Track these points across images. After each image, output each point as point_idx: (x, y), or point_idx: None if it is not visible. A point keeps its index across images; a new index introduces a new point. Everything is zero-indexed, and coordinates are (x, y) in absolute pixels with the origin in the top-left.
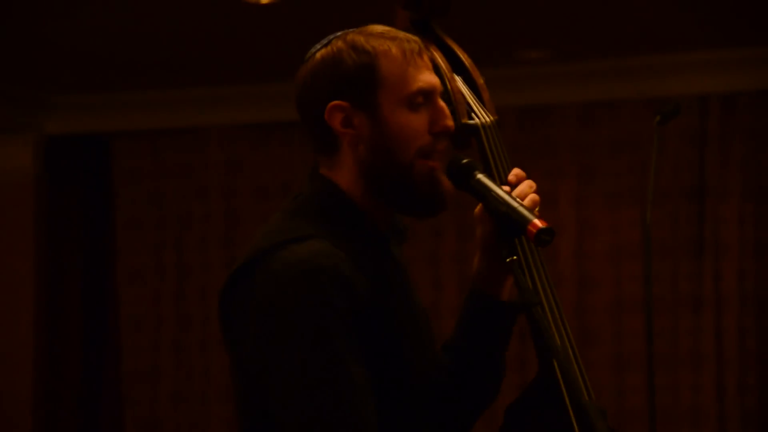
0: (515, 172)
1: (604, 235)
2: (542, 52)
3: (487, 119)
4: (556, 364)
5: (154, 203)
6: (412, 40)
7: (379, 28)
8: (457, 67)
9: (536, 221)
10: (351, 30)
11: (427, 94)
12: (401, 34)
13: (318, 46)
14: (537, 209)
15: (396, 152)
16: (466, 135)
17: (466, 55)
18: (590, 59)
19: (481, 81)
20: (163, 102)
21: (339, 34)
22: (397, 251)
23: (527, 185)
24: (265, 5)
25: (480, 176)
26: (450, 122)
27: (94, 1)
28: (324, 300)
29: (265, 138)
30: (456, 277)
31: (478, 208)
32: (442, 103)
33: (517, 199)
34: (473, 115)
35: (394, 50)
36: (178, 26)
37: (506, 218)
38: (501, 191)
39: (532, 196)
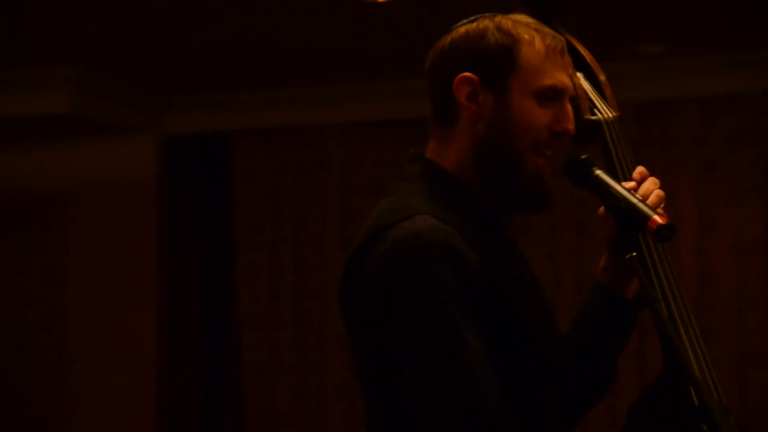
0: (639, 170)
1: (725, 231)
2: (661, 46)
3: (610, 115)
4: (680, 361)
5: (272, 201)
6: (558, 38)
7: (528, 18)
8: (579, 63)
9: (656, 217)
10: (500, 14)
11: (558, 92)
12: (548, 29)
13: (464, 21)
14: (662, 206)
15: (511, 138)
16: (588, 131)
17: (587, 51)
18: (709, 53)
19: (602, 77)
20: (282, 100)
21: (488, 14)
22: (506, 231)
23: (651, 182)
24: (383, 3)
25: (598, 172)
26: (572, 126)
27: (213, 2)
28: (436, 274)
29: (382, 136)
30: (574, 274)
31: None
32: (569, 107)
33: (637, 195)
34: (596, 111)
35: (538, 42)
36: (296, 25)
37: (625, 214)
38: (620, 187)
39: (657, 193)
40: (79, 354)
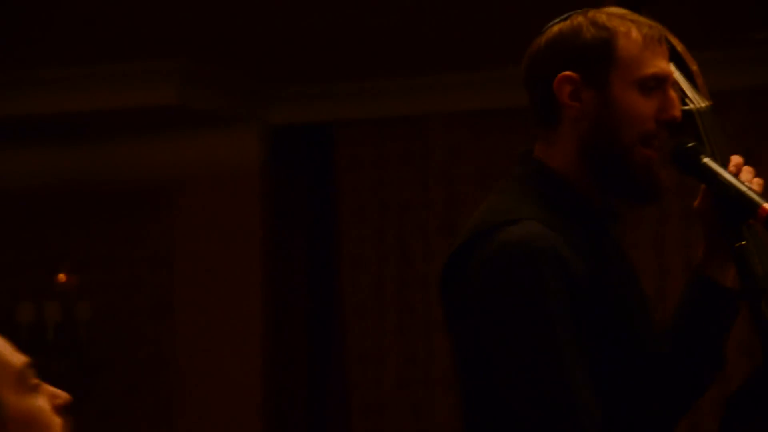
0: (735, 161)
1: None
2: None
3: (702, 105)
4: None
5: (376, 191)
6: (654, 27)
7: (621, 10)
8: (670, 54)
9: (766, 205)
10: (592, 9)
11: (660, 80)
12: (643, 19)
13: (557, 19)
14: None
15: (618, 133)
16: (680, 122)
17: (678, 41)
18: None
19: (694, 67)
20: (385, 90)
21: (579, 11)
22: (612, 231)
23: (747, 172)
24: None
25: (706, 160)
26: (678, 113)
27: None
28: (542, 282)
29: (487, 125)
30: (682, 263)
31: (700, 197)
32: (673, 93)
33: (746, 183)
34: (687, 101)
35: (634, 33)
36: (399, 15)
37: (735, 202)
38: (729, 175)
39: (758, 181)
40: (187, 342)
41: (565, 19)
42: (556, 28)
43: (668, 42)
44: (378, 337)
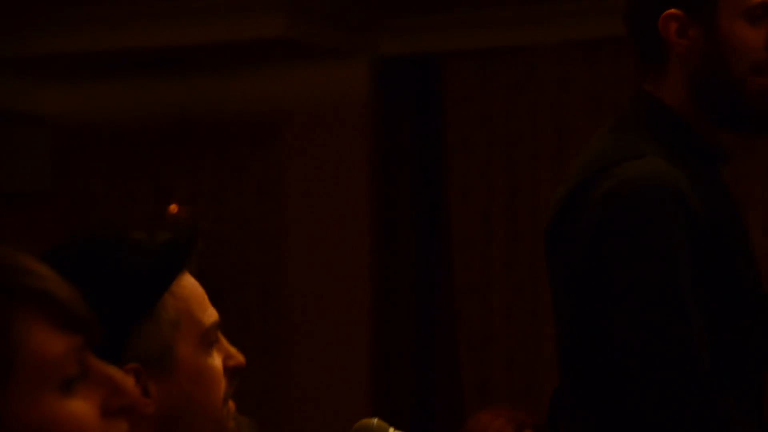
0: None
1: None
2: None
3: None
4: None
5: (484, 122)
6: None
7: None
8: None
9: None
10: None
11: None
12: None
13: None
14: None
15: (729, 65)
16: None
17: None
18: None
19: None
20: (494, 21)
21: None
22: (722, 174)
23: None
24: None
25: None
26: None
27: None
28: (666, 220)
29: (596, 54)
30: None
31: None
32: None
33: None
34: None
35: None
36: None
37: None
38: None
39: None
40: (295, 272)
41: None
42: None
43: None
44: (485, 269)
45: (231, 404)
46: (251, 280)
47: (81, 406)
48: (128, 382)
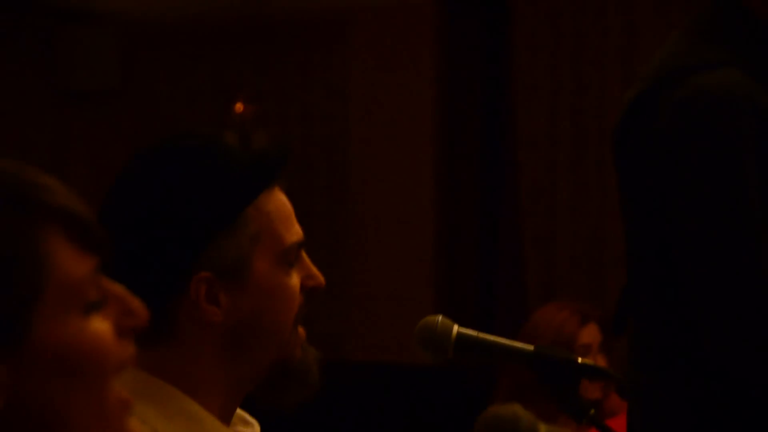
0: None
1: None
2: None
3: None
4: None
5: (551, 18)
6: None
7: None
8: None
9: None
10: None
11: None
12: None
13: None
14: None
15: None
16: None
17: None
18: None
19: None
20: None
21: None
22: None
23: None
24: None
25: None
26: None
27: None
28: (740, 134)
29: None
30: None
31: None
32: None
33: None
34: None
35: None
36: None
37: None
38: None
39: None
40: (362, 170)
41: None
42: None
43: None
44: (551, 169)
45: (301, 330)
46: (316, 180)
47: (101, 326)
48: (139, 303)
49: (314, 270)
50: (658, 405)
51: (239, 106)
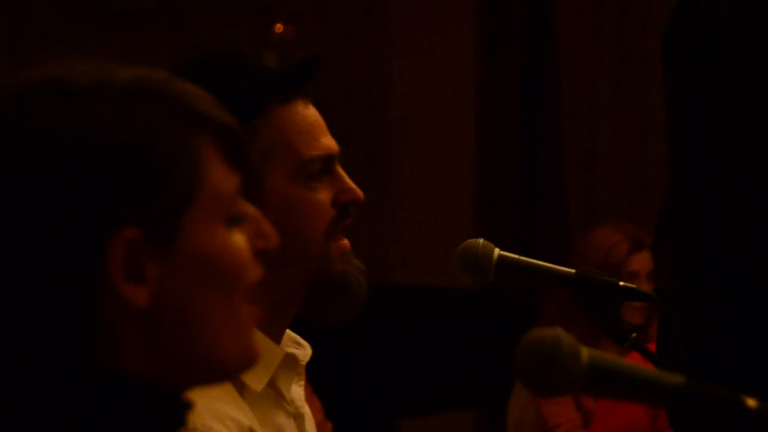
0: None
1: None
2: None
3: None
4: None
5: None
6: None
7: None
8: None
9: None
10: None
11: None
12: None
13: None
14: None
15: None
16: None
17: None
18: None
19: None
20: None
21: None
22: None
23: None
24: None
25: None
26: None
27: None
28: None
29: None
30: None
31: None
32: None
33: None
34: None
35: None
36: None
37: None
38: None
39: None
40: (400, 94)
41: None
42: None
43: None
44: (593, 88)
45: (344, 243)
46: (355, 100)
47: (242, 241)
48: (270, 227)
49: (349, 184)
50: (694, 319)
51: (279, 27)
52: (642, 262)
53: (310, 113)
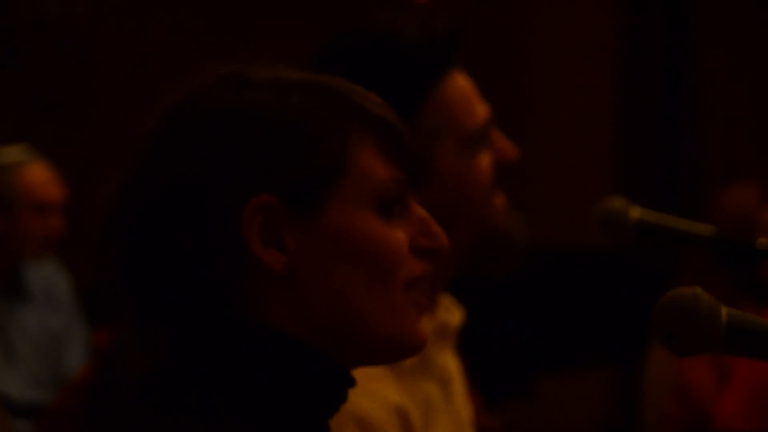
0: None
1: None
2: None
3: None
4: None
5: None
6: None
7: None
8: None
9: None
10: None
11: None
12: None
13: None
14: None
15: None
16: None
17: None
18: None
19: None
20: None
21: None
22: None
23: None
24: None
25: None
26: None
27: None
28: None
29: None
30: None
31: None
32: None
33: None
34: None
35: None
36: None
37: None
38: None
39: None
40: (541, 51)
41: None
42: None
43: None
44: (731, 46)
45: (501, 199)
46: (493, 64)
47: (395, 232)
48: (440, 230)
49: (505, 143)
50: None
51: None
52: None
53: (465, 83)
